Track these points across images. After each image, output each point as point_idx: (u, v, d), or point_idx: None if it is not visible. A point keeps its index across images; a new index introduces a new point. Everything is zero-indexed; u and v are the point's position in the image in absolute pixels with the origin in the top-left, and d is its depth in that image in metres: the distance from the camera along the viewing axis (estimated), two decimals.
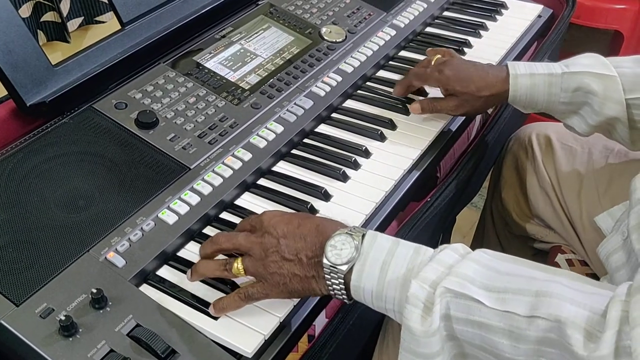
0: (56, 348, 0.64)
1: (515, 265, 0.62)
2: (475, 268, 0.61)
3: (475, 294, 0.59)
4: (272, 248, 0.69)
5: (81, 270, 0.71)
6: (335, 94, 1.05)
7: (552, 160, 1.13)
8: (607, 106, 0.89)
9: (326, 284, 0.68)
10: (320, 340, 0.77)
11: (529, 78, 0.93)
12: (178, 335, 0.67)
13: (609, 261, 0.80)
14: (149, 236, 0.77)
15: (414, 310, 0.60)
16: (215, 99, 0.96)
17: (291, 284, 0.69)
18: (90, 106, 0.91)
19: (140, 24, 1.00)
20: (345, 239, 0.67)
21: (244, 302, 0.70)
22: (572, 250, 1.10)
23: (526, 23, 1.31)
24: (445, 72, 0.98)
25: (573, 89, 0.90)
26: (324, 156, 0.95)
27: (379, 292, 0.65)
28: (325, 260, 0.66)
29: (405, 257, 0.65)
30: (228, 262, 0.71)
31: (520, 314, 0.56)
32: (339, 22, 1.19)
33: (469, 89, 0.96)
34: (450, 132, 1.04)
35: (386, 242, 0.67)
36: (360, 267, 0.65)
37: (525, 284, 0.58)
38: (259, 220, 0.72)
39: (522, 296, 0.57)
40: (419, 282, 0.61)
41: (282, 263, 0.69)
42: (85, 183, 0.81)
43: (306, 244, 0.69)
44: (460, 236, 1.87)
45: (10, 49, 0.85)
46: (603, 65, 0.90)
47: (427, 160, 0.98)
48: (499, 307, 0.58)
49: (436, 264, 0.62)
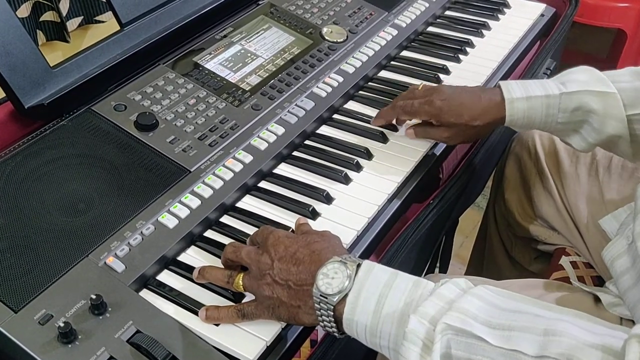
0: (55, 355, 0.63)
1: (519, 302, 0.59)
2: (477, 304, 0.58)
3: (478, 331, 0.55)
4: (266, 269, 0.68)
5: (80, 276, 0.70)
6: (336, 94, 1.04)
7: (555, 161, 1.12)
8: (608, 124, 0.85)
9: (315, 314, 0.65)
10: (322, 345, 0.76)
11: (525, 102, 0.88)
12: (179, 341, 0.66)
13: (614, 266, 0.79)
14: (149, 240, 0.76)
15: (412, 348, 0.57)
16: (216, 101, 0.95)
17: (278, 310, 0.67)
18: (89, 108, 0.90)
19: (140, 25, 0.99)
20: (338, 267, 0.64)
21: (239, 319, 0.69)
22: (576, 252, 1.09)
23: (529, 22, 1.30)
24: (436, 103, 0.91)
25: (572, 109, 0.86)
26: (326, 158, 0.94)
27: (373, 327, 0.61)
28: (315, 289, 0.64)
29: (403, 290, 0.61)
30: (232, 274, 0.71)
31: (529, 354, 0.53)
32: (340, 22, 1.18)
33: (462, 119, 0.90)
34: None
35: (383, 274, 0.63)
36: (354, 299, 0.62)
37: (532, 321, 0.55)
38: (264, 237, 0.71)
39: (529, 334, 0.54)
40: (418, 318, 0.57)
41: (274, 287, 0.67)
42: (84, 186, 0.80)
43: (297, 270, 0.66)
44: (463, 237, 1.86)
45: (7, 50, 0.84)
46: (601, 81, 0.86)
47: (430, 162, 0.97)
48: (505, 346, 0.54)
49: (436, 298, 0.59)
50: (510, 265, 1.26)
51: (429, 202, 0.95)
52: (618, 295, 0.82)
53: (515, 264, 1.26)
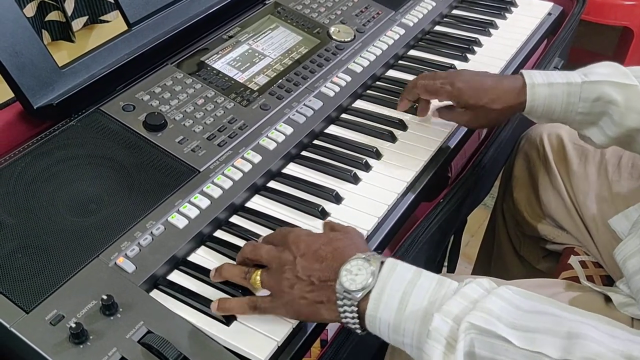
0: (67, 356, 0.63)
1: (542, 304, 0.59)
2: (500, 304, 0.58)
3: (502, 332, 0.55)
4: (287, 265, 0.67)
5: (91, 276, 0.70)
6: (344, 94, 1.03)
7: (564, 160, 1.11)
8: (628, 117, 0.84)
9: (337, 311, 0.65)
10: (333, 345, 0.76)
11: (547, 88, 0.88)
12: (190, 341, 0.66)
13: (626, 265, 0.79)
14: (159, 240, 0.76)
15: (435, 346, 0.57)
16: (224, 101, 0.95)
17: (298, 305, 0.67)
18: (98, 108, 0.90)
19: (147, 25, 0.99)
20: (361, 264, 0.64)
21: (250, 310, 0.69)
22: (585, 252, 1.08)
23: (536, 21, 1.29)
24: (457, 85, 0.93)
25: (593, 98, 0.86)
26: (335, 158, 0.93)
27: (396, 325, 0.61)
28: (339, 285, 0.64)
29: (427, 288, 0.61)
30: (249, 271, 0.70)
31: (552, 356, 0.53)
32: (348, 21, 1.18)
33: (483, 101, 0.91)
34: (461, 131, 1.02)
35: (407, 272, 0.63)
36: (378, 295, 0.62)
37: (555, 324, 0.56)
38: (284, 236, 0.71)
39: (553, 337, 0.54)
40: (442, 316, 0.58)
41: (295, 282, 0.67)
42: (94, 186, 0.80)
43: (321, 266, 0.66)
44: (469, 236, 1.86)
45: (16, 51, 0.84)
46: (623, 74, 0.86)
47: (439, 161, 0.97)
48: (529, 347, 0.54)
49: (460, 297, 0.59)
50: (519, 264, 1.26)
51: (438, 201, 0.95)
52: (629, 295, 0.82)
53: (523, 262, 1.25)
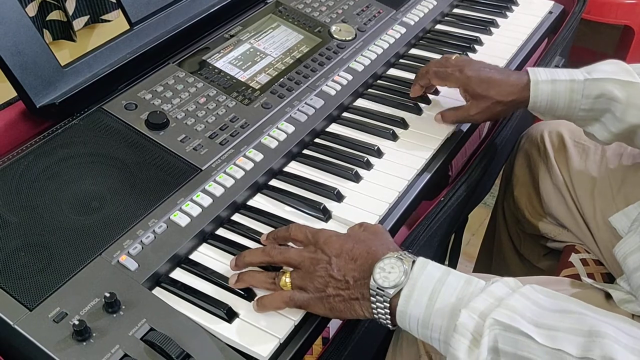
0: (70, 353, 0.63)
1: (565, 302, 0.61)
2: (525, 303, 0.60)
3: (525, 329, 0.58)
4: (322, 264, 0.69)
5: (94, 274, 0.71)
6: (346, 92, 1.04)
7: (564, 158, 1.11)
8: (630, 113, 0.87)
9: (370, 307, 0.67)
10: (335, 342, 0.77)
11: (550, 84, 0.91)
12: (192, 339, 0.67)
13: (627, 262, 0.79)
14: (161, 238, 0.76)
15: (462, 340, 0.59)
16: (226, 99, 0.95)
17: (335, 302, 0.69)
18: (100, 107, 0.90)
19: (149, 24, 1.00)
20: (394, 262, 0.66)
21: (285, 304, 0.70)
22: (586, 250, 1.08)
23: (537, 19, 1.30)
24: (466, 72, 0.96)
25: (595, 95, 0.88)
26: (336, 156, 0.94)
27: (425, 320, 0.63)
28: (373, 282, 0.66)
29: (455, 287, 0.64)
30: (277, 275, 0.71)
31: (572, 354, 0.55)
32: (349, 20, 1.18)
33: (489, 93, 0.94)
34: (462, 130, 1.03)
35: (437, 270, 0.66)
36: (409, 292, 0.64)
37: (576, 322, 0.57)
38: (316, 237, 0.72)
39: (574, 336, 0.56)
40: (469, 312, 0.60)
41: (329, 280, 0.69)
42: (96, 185, 0.80)
43: (355, 266, 0.69)
44: (470, 234, 1.86)
45: (19, 50, 0.84)
46: (626, 72, 0.88)
47: (440, 159, 0.97)
48: (550, 345, 0.56)
49: (487, 295, 0.61)
50: (519, 262, 1.26)
51: (439, 199, 0.95)
52: (629, 292, 0.82)
53: (524, 261, 1.26)
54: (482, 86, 0.95)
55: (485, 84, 0.95)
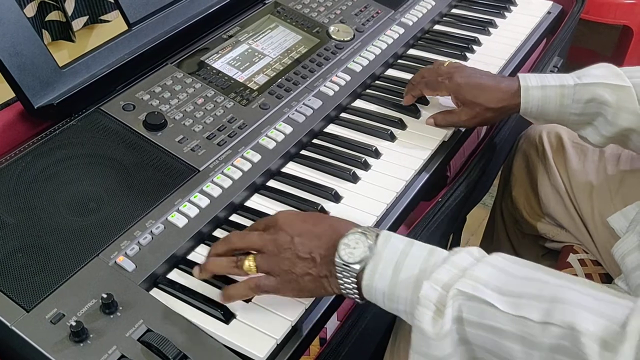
0: (67, 354, 0.64)
1: (532, 270, 0.61)
2: (490, 272, 0.60)
3: (489, 297, 0.58)
4: (285, 245, 0.69)
5: (91, 275, 0.71)
6: (344, 93, 1.04)
7: (563, 159, 1.11)
8: (621, 117, 0.87)
9: (338, 283, 0.67)
10: (332, 343, 0.77)
11: (540, 90, 0.91)
12: (189, 340, 0.67)
13: (625, 262, 0.79)
14: (158, 239, 0.76)
15: (425, 311, 0.60)
16: (224, 100, 0.95)
17: (303, 282, 0.69)
18: (98, 108, 0.90)
19: (147, 25, 1.00)
20: (358, 237, 0.66)
21: (252, 291, 0.70)
22: (584, 250, 1.08)
23: (535, 20, 1.30)
24: (457, 80, 0.96)
25: (586, 100, 0.88)
26: (334, 157, 0.94)
27: (390, 293, 0.64)
28: (338, 258, 0.66)
29: (418, 258, 0.64)
30: (239, 259, 0.70)
31: (534, 320, 0.55)
32: (347, 20, 1.18)
33: (480, 99, 0.95)
34: (460, 131, 1.03)
35: (400, 242, 0.66)
36: (373, 266, 0.65)
37: (540, 289, 0.57)
38: (274, 219, 0.72)
39: (537, 302, 0.56)
40: (431, 284, 0.60)
41: (296, 261, 0.68)
42: (94, 186, 0.80)
43: (320, 243, 0.68)
44: (469, 234, 1.86)
45: (17, 51, 0.84)
46: (616, 75, 0.88)
47: (438, 160, 0.97)
48: (513, 312, 0.56)
49: (450, 265, 0.61)
50: None
51: (437, 200, 0.95)
52: (627, 292, 0.82)
53: None
54: (472, 93, 0.95)
55: (475, 91, 0.95)
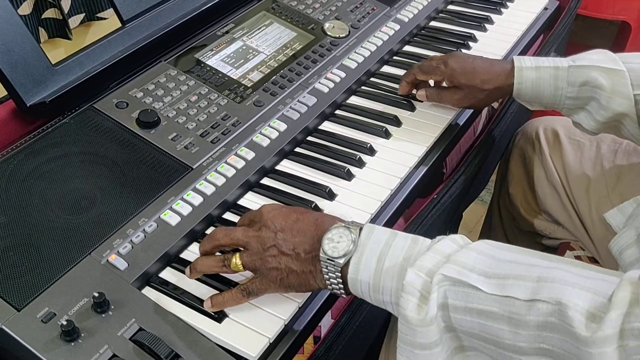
0: (58, 353, 0.63)
1: (517, 254, 0.60)
2: (475, 257, 0.60)
3: (474, 281, 0.57)
4: (269, 242, 0.68)
5: (83, 274, 0.70)
6: (339, 90, 1.03)
7: (559, 155, 1.11)
8: (614, 101, 0.87)
9: (323, 278, 0.67)
10: (326, 341, 0.76)
11: (534, 71, 0.91)
12: (181, 339, 0.66)
13: (622, 256, 0.79)
14: (151, 238, 0.76)
15: (410, 298, 0.59)
16: (218, 97, 0.95)
17: (288, 279, 0.68)
18: (91, 106, 0.89)
19: (141, 22, 0.99)
20: (342, 232, 0.66)
21: (244, 298, 0.69)
22: (581, 247, 1.08)
23: (532, 16, 1.29)
24: (451, 65, 0.97)
25: (580, 83, 0.89)
26: (328, 154, 0.93)
27: (375, 284, 0.63)
28: (322, 253, 0.66)
29: (402, 247, 0.64)
30: (226, 257, 0.70)
31: (521, 298, 0.55)
32: (342, 17, 1.17)
33: (474, 81, 0.95)
34: (456, 127, 1.02)
35: (383, 234, 0.66)
36: (357, 259, 0.64)
37: (527, 270, 0.57)
38: (258, 214, 0.71)
39: (523, 281, 0.56)
40: (415, 271, 0.60)
41: (280, 258, 0.68)
42: (87, 184, 0.80)
43: (304, 239, 0.68)
44: (466, 231, 1.86)
45: (9, 48, 0.84)
46: (612, 60, 0.88)
47: (433, 157, 0.96)
48: (498, 293, 0.56)
49: (434, 252, 0.61)
50: None
51: (432, 197, 0.95)
52: None
53: None
54: (466, 76, 0.96)
55: (469, 74, 0.96)
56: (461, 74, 0.96)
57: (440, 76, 0.99)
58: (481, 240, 0.63)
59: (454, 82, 0.97)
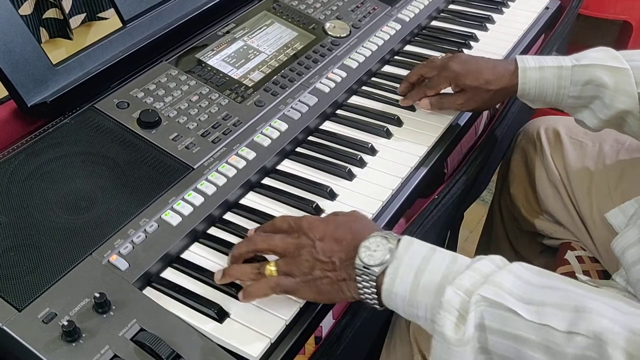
0: (59, 354, 0.63)
1: (553, 279, 0.60)
2: (512, 279, 0.60)
3: (512, 305, 0.57)
4: (306, 248, 0.69)
5: (84, 274, 0.70)
6: (340, 90, 1.03)
7: (561, 155, 1.11)
8: (618, 99, 0.87)
9: (357, 287, 0.67)
10: (327, 341, 0.76)
11: (538, 71, 0.91)
12: (183, 339, 0.66)
13: (625, 256, 0.78)
14: (152, 238, 0.76)
15: (447, 317, 0.59)
16: (219, 97, 0.95)
17: (322, 285, 0.69)
18: (92, 106, 0.89)
19: (142, 22, 0.99)
20: (379, 241, 0.66)
21: (272, 290, 0.70)
22: (582, 247, 1.08)
23: (533, 15, 1.29)
24: (453, 68, 0.96)
25: (583, 82, 0.88)
26: (330, 154, 0.93)
27: (411, 298, 0.63)
28: (358, 260, 0.66)
29: (440, 264, 0.63)
30: (262, 265, 0.71)
31: (559, 329, 0.55)
32: (343, 16, 1.17)
33: (478, 82, 0.94)
34: (457, 127, 1.02)
35: (422, 248, 0.65)
36: (394, 270, 0.64)
37: (563, 298, 0.57)
38: (298, 224, 0.72)
39: (560, 311, 0.56)
40: (454, 289, 0.60)
41: (315, 263, 0.68)
42: (88, 184, 0.80)
43: (341, 247, 0.68)
44: (467, 231, 1.86)
45: (10, 48, 0.84)
46: (615, 58, 0.88)
47: (435, 157, 0.96)
48: (536, 320, 0.56)
49: (472, 272, 0.61)
50: (515, 259, 1.23)
51: (433, 197, 0.95)
52: (625, 288, 0.82)
53: (520, 258, 1.24)
54: (470, 78, 0.95)
55: (473, 75, 0.95)
56: (465, 75, 0.95)
57: (446, 82, 0.98)
58: (517, 263, 0.63)
59: (459, 84, 0.97)
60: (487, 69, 0.95)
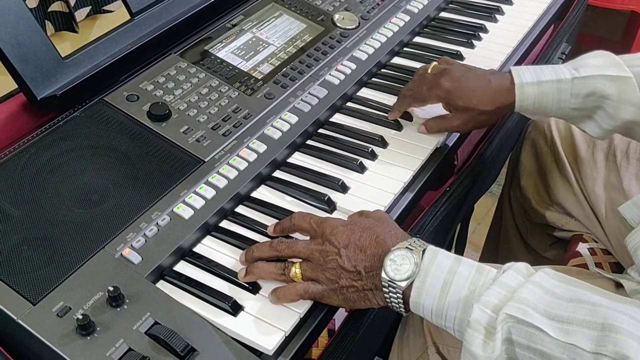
0: (74, 347, 0.63)
1: (578, 289, 0.60)
2: (537, 293, 0.60)
3: (538, 322, 0.58)
4: (331, 256, 0.69)
5: (97, 268, 0.70)
6: (349, 82, 1.03)
7: (572, 146, 1.10)
8: (623, 110, 0.82)
9: (384, 297, 0.68)
10: (340, 334, 0.76)
11: (536, 86, 0.85)
12: (197, 332, 0.66)
13: (638, 254, 0.78)
14: (164, 231, 0.76)
15: (476, 335, 0.60)
16: (228, 90, 0.94)
17: (348, 293, 0.69)
18: (102, 99, 0.89)
19: (150, 14, 0.98)
20: (405, 254, 0.66)
21: (300, 296, 0.70)
22: (594, 239, 1.07)
23: (543, 5, 1.28)
24: (445, 85, 0.90)
25: (585, 94, 0.84)
26: (340, 147, 0.93)
27: (439, 311, 0.64)
28: (384, 274, 0.66)
29: (467, 277, 0.64)
30: (286, 266, 0.71)
31: (585, 349, 0.55)
32: (352, 8, 1.16)
33: (471, 103, 0.88)
34: None
35: (447, 260, 0.65)
36: (420, 284, 0.65)
37: (590, 314, 0.57)
38: (321, 228, 0.72)
39: (587, 329, 0.56)
40: (481, 307, 0.60)
41: (341, 272, 0.69)
42: (99, 177, 0.79)
43: (365, 257, 0.68)
44: (476, 223, 1.85)
45: (19, 42, 0.83)
46: (615, 65, 0.83)
47: (445, 149, 0.96)
48: (563, 339, 0.56)
49: (498, 287, 0.61)
50: (526, 252, 1.25)
51: (444, 189, 0.94)
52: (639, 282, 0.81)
53: (530, 250, 1.25)
54: (463, 98, 0.89)
55: (466, 95, 0.89)
56: (457, 94, 0.89)
57: (436, 100, 0.92)
58: (541, 271, 0.63)
59: (450, 104, 0.91)
60: (480, 88, 0.88)
